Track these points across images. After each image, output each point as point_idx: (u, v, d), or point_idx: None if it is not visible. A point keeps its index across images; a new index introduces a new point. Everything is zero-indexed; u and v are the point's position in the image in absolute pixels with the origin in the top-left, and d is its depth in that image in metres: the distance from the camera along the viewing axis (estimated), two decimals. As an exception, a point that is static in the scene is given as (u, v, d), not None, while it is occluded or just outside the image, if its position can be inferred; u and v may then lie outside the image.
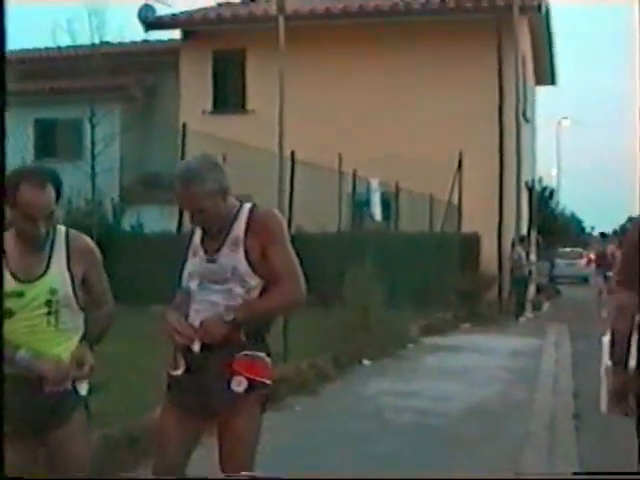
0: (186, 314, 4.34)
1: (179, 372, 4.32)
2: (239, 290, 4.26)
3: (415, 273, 18.98)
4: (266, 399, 4.37)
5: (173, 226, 12.43)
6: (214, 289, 4.29)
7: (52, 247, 4.15)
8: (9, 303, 3.97)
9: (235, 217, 4.32)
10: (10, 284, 4.01)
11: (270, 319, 4.46)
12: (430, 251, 20.52)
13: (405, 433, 8.89)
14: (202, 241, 4.39)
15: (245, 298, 4.26)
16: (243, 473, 4.18)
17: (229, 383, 4.21)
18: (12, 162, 3.55)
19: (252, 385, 4.24)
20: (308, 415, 9.60)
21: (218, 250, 4.30)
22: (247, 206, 4.37)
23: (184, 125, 10.48)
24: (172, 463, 4.32)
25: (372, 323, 14.18)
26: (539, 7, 25.16)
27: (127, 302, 7.19)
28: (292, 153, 12.22)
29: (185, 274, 4.42)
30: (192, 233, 4.46)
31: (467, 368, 13.43)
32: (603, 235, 31.81)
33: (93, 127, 20.18)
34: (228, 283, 4.26)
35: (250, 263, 4.25)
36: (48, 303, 4.09)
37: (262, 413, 4.35)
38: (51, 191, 4.04)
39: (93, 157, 19.92)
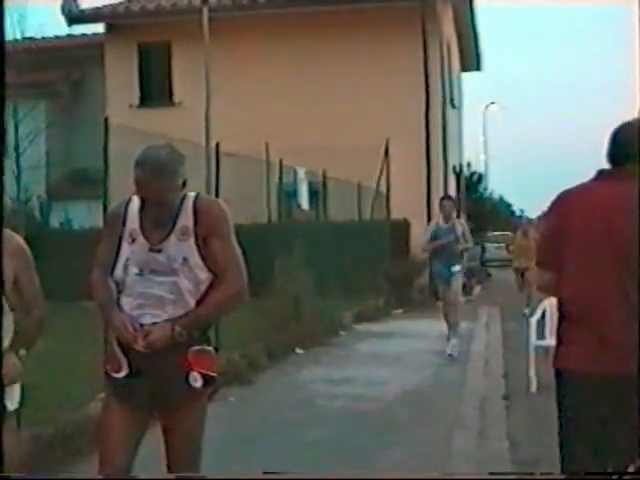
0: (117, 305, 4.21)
1: (122, 374, 4.20)
2: (187, 285, 4.13)
3: (346, 261, 19.05)
4: (213, 391, 4.39)
5: (101, 222, 12.34)
6: (157, 280, 4.14)
7: None
8: None
9: (180, 206, 4.17)
10: None
11: (216, 319, 4.34)
12: (360, 239, 20.59)
13: (339, 419, 8.97)
14: (141, 227, 4.23)
15: (193, 292, 4.14)
16: None
17: (187, 379, 4.17)
18: None
19: (206, 380, 4.22)
20: (242, 405, 9.62)
21: (165, 239, 4.15)
22: (191, 195, 4.23)
23: (106, 119, 10.40)
24: (120, 460, 4.21)
25: (304, 312, 14.21)
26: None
27: (57, 298, 7.14)
28: (217, 145, 12.24)
29: (121, 260, 4.24)
30: (125, 214, 4.28)
31: (400, 353, 13.53)
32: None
33: (16, 124, 19.97)
34: (175, 275, 4.12)
35: (201, 254, 4.13)
36: None
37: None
38: None
39: (17, 155, 19.71)
